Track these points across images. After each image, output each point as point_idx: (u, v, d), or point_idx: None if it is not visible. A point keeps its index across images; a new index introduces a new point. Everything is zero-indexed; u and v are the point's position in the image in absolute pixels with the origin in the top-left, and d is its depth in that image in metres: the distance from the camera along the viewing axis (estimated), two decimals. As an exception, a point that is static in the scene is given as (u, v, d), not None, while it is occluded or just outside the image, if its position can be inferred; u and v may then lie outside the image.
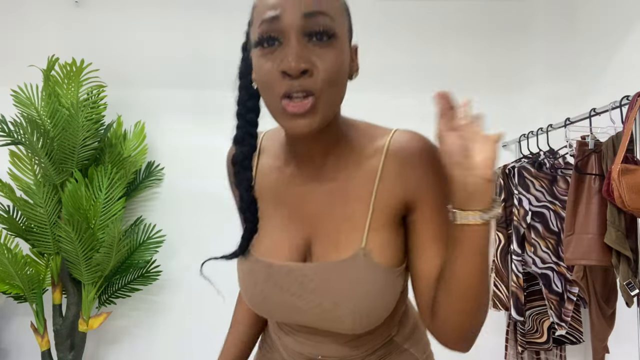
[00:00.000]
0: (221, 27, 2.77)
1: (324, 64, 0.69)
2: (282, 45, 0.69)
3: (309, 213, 0.81)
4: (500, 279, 2.34)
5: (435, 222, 0.77)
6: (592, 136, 1.91)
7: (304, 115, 0.69)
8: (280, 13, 0.69)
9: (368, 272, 0.75)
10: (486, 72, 2.78)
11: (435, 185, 0.76)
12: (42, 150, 2.24)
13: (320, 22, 0.69)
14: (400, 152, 0.77)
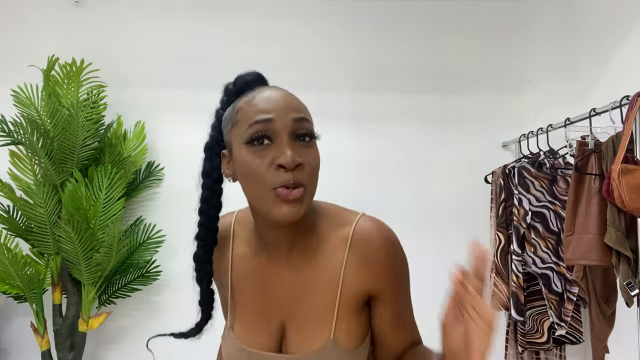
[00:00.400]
0: (221, 27, 2.77)
1: (309, 160, 0.79)
2: (273, 144, 0.79)
3: (281, 301, 0.88)
4: (500, 279, 2.34)
5: (397, 308, 0.87)
6: (592, 136, 1.91)
7: (294, 203, 0.77)
8: (274, 117, 0.79)
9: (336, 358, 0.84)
10: (486, 72, 2.78)
11: (394, 278, 0.87)
12: (42, 150, 2.24)
13: (305, 126, 0.80)
14: (362, 245, 0.85)
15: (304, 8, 2.79)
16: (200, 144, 2.75)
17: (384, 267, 0.85)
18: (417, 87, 2.77)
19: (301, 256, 0.87)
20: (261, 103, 0.81)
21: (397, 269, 0.87)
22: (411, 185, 2.70)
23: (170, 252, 2.65)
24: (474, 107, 2.75)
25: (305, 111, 0.83)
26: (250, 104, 0.82)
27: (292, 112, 0.80)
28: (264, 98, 0.81)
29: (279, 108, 0.80)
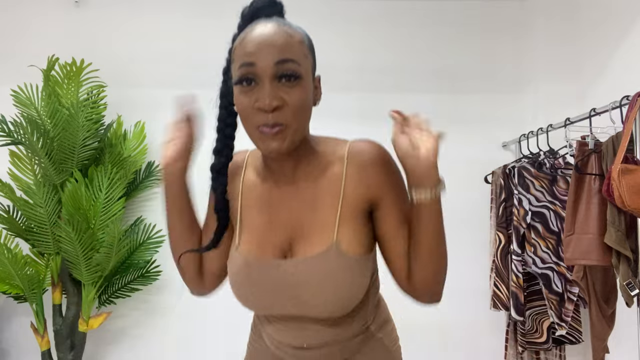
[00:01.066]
0: (221, 27, 2.75)
1: (291, 100, 0.85)
2: (258, 86, 0.85)
3: (287, 218, 0.95)
4: (500, 279, 2.34)
5: (398, 212, 0.93)
6: (592, 136, 1.91)
7: (276, 139, 0.85)
8: (255, 60, 0.85)
9: (339, 262, 0.89)
10: (486, 72, 2.78)
11: (392, 183, 0.93)
12: (42, 150, 2.24)
13: (289, 67, 0.85)
14: (358, 157, 0.93)
15: (304, 8, 2.79)
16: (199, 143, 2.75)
17: (381, 174, 0.92)
18: (417, 87, 2.77)
19: (304, 178, 0.95)
20: (248, 45, 0.87)
21: (393, 176, 0.94)
22: (411, 185, 2.70)
23: (170, 252, 2.65)
24: (474, 107, 2.75)
25: (293, 50, 0.87)
26: (241, 44, 0.89)
27: (276, 54, 0.85)
28: (251, 39, 0.87)
29: (262, 50, 0.85)
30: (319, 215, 0.92)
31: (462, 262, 2.67)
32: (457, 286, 2.67)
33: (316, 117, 2.15)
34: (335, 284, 0.89)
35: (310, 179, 0.95)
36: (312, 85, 0.94)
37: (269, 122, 0.84)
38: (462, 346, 2.63)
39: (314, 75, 0.98)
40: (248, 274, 0.95)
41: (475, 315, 2.63)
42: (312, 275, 0.90)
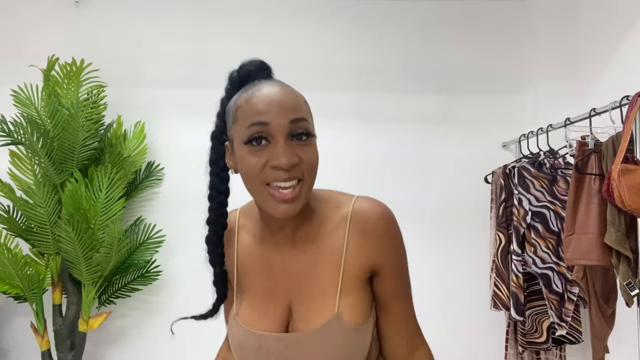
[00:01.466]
0: (221, 27, 2.77)
1: (306, 157, 0.84)
2: (270, 145, 0.83)
3: (286, 284, 0.92)
4: (501, 279, 2.34)
5: (396, 282, 0.92)
6: (592, 136, 1.91)
7: (292, 201, 0.83)
8: (268, 119, 0.82)
9: (341, 333, 0.86)
10: (486, 72, 2.78)
11: (394, 251, 0.92)
12: (42, 150, 2.24)
13: (302, 126, 0.84)
14: (361, 221, 0.90)
15: (304, 8, 2.79)
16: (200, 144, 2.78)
17: (384, 240, 0.90)
18: (417, 87, 2.77)
19: (304, 239, 0.92)
20: (259, 104, 0.84)
21: (396, 242, 0.93)
22: (411, 185, 2.70)
23: (170, 252, 2.65)
24: (474, 107, 2.75)
25: (302, 109, 0.86)
26: (249, 103, 0.85)
27: (289, 113, 0.83)
28: (261, 99, 0.84)
29: (276, 109, 0.83)
30: (319, 283, 0.89)
31: (462, 262, 2.67)
32: (457, 286, 2.67)
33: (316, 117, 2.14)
34: (337, 355, 0.87)
35: (311, 241, 0.92)
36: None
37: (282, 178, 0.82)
38: (463, 346, 2.63)
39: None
40: (250, 345, 0.92)
41: (475, 315, 2.63)
42: (314, 348, 0.87)
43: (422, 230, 2.67)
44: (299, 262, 0.91)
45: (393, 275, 0.92)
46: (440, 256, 2.67)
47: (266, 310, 0.92)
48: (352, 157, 2.69)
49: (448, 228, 2.68)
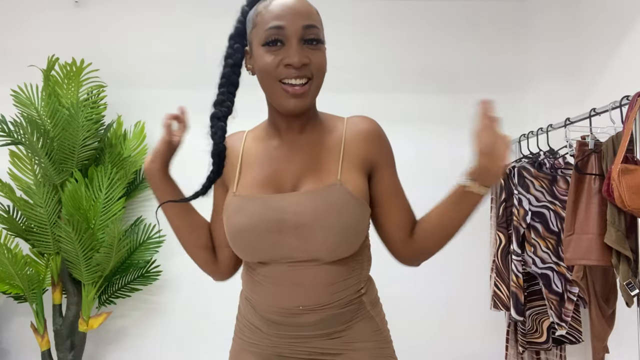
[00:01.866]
0: (221, 27, 2.76)
1: (315, 60, 0.95)
2: (285, 46, 0.94)
3: (291, 167, 1.01)
4: (501, 279, 2.34)
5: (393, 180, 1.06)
6: (592, 136, 1.91)
7: (301, 96, 0.94)
8: (285, 24, 0.93)
9: (343, 196, 0.95)
10: (486, 72, 2.78)
11: (388, 153, 1.05)
12: (42, 150, 2.24)
13: (313, 32, 0.96)
14: (356, 127, 1.03)
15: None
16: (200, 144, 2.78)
17: (379, 142, 1.04)
18: (417, 87, 2.77)
19: (308, 139, 1.03)
20: (276, 9, 0.95)
21: (389, 146, 1.06)
22: (411, 185, 2.69)
23: (170, 252, 2.65)
24: (474, 107, 2.75)
25: (315, 19, 0.98)
26: (267, 9, 0.96)
27: (303, 20, 0.95)
28: (279, 5, 0.95)
29: (291, 15, 0.94)
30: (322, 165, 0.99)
31: (462, 262, 2.67)
32: (458, 286, 2.67)
33: None
34: (339, 216, 0.93)
35: (314, 141, 1.02)
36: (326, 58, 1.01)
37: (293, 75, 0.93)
38: (463, 346, 2.63)
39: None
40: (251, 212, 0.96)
41: (475, 315, 2.63)
42: (318, 207, 0.94)
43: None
44: (303, 156, 1.01)
45: (390, 173, 1.05)
46: (440, 256, 2.67)
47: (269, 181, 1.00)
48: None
49: (448, 228, 2.68)
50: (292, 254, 0.95)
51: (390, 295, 2.62)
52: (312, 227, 0.93)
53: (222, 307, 2.62)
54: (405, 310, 2.65)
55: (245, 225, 0.96)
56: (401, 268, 2.94)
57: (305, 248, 0.94)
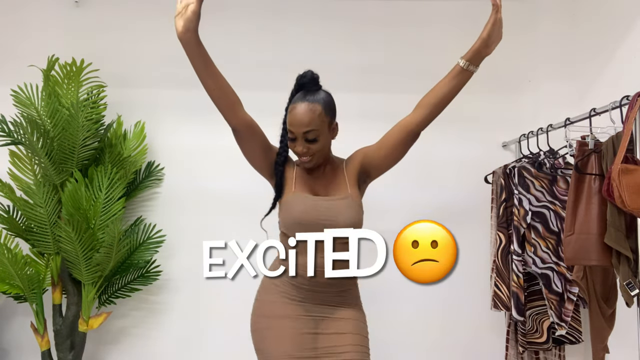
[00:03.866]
0: (221, 27, 2.77)
1: (312, 149, 1.59)
2: (297, 141, 1.59)
3: (321, 186, 1.68)
4: (501, 279, 2.34)
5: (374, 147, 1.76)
6: (592, 136, 1.91)
7: (308, 163, 1.62)
8: (294, 130, 1.57)
9: (351, 202, 1.62)
10: (486, 72, 2.76)
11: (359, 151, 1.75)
12: (42, 150, 2.24)
13: (311, 134, 1.57)
14: (350, 160, 1.73)
15: (305, 8, 2.79)
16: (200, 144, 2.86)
17: (355, 157, 1.74)
18: (417, 86, 2.76)
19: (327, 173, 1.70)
20: (291, 119, 1.59)
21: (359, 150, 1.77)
22: (411, 184, 2.70)
23: (170, 252, 2.65)
24: (474, 107, 2.75)
25: (314, 123, 1.56)
26: (290, 114, 1.61)
27: (304, 127, 1.56)
28: (293, 115, 1.59)
29: (297, 126, 1.57)
30: (337, 186, 1.67)
31: (462, 262, 2.66)
32: (458, 286, 2.67)
33: None
34: (349, 210, 1.60)
35: (330, 173, 1.70)
36: (328, 134, 1.64)
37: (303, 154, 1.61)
38: (463, 346, 2.63)
39: (332, 123, 1.66)
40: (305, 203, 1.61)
41: (476, 316, 2.63)
42: (340, 205, 1.61)
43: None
44: (324, 182, 1.68)
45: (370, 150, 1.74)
46: (440, 256, 2.67)
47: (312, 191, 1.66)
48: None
49: (448, 228, 2.68)
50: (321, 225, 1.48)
51: (391, 295, 2.63)
52: (337, 216, 1.59)
53: (222, 307, 2.62)
54: (405, 310, 2.65)
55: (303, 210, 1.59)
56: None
57: (329, 225, 1.52)
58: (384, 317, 2.64)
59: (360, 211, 1.63)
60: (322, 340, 1.59)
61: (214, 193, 2.68)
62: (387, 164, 1.71)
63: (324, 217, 1.57)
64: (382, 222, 2.67)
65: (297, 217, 1.58)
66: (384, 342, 2.64)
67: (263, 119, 2.77)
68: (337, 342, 1.59)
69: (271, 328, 1.61)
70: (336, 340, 1.59)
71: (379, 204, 2.68)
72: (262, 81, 2.74)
